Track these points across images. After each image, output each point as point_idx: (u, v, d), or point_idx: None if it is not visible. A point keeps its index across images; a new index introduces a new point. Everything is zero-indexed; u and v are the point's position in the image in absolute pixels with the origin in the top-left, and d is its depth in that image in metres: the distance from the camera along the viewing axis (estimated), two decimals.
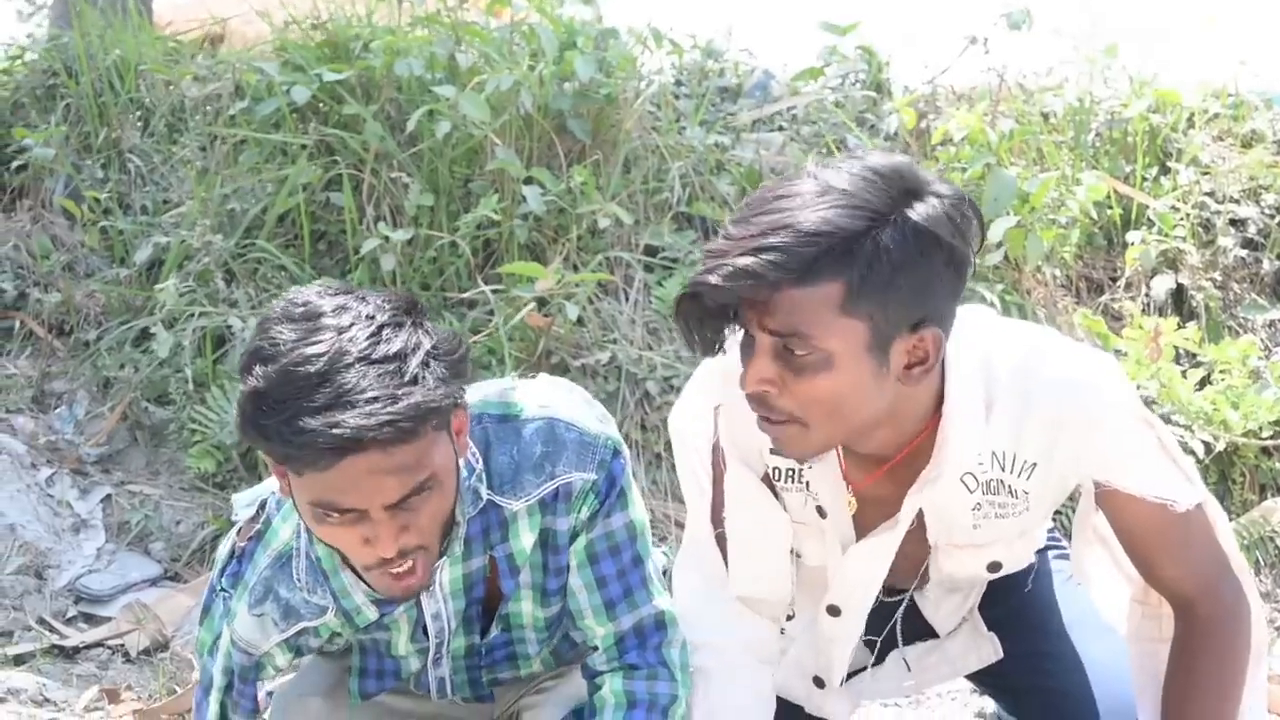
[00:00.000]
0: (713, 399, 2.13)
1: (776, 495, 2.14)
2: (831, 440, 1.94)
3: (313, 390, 1.76)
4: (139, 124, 4.81)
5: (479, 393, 2.13)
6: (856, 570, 2.14)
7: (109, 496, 4.02)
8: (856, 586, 2.17)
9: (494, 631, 2.21)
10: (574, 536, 2.13)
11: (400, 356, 1.80)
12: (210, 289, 4.27)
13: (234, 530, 2.19)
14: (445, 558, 2.06)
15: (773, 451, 2.07)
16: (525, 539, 2.11)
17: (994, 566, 2.21)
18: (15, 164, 4.78)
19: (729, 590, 2.21)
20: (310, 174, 4.32)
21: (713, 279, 1.80)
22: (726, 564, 2.21)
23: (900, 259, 1.80)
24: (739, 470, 2.13)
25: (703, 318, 1.87)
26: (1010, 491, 2.05)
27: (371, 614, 2.12)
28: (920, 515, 2.09)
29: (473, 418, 2.07)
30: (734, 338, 1.91)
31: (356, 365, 1.77)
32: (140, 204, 4.62)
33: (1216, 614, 2.04)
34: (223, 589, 2.15)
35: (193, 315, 4.17)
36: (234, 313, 4.17)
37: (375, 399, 1.76)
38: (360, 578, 2.06)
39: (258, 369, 1.80)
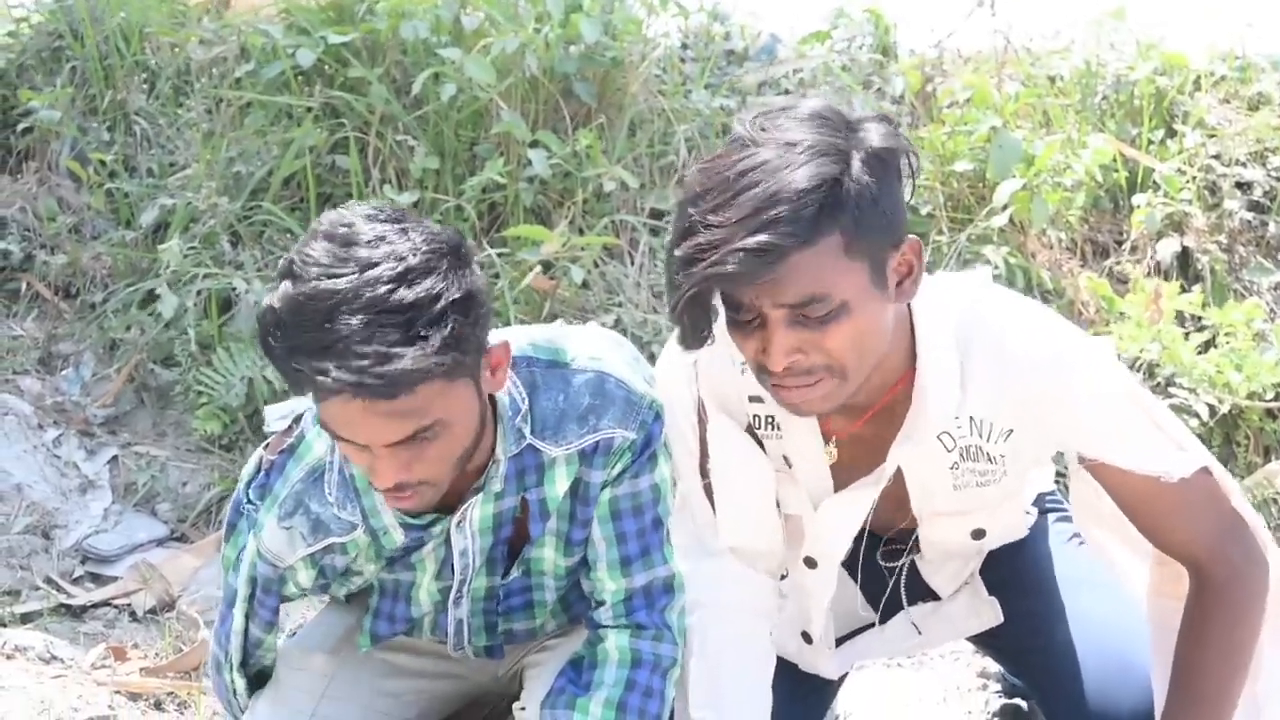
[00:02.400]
0: (690, 355, 2.14)
1: (759, 443, 2.16)
2: (862, 379, 1.92)
3: (314, 328, 1.76)
4: (145, 87, 4.80)
5: (527, 335, 2.14)
6: (831, 523, 2.17)
7: (115, 458, 4.03)
8: (831, 539, 2.19)
9: (514, 574, 2.23)
10: (602, 489, 2.15)
11: (414, 308, 1.78)
12: (216, 251, 4.27)
13: (262, 446, 2.19)
14: (480, 495, 2.07)
15: (752, 399, 2.10)
16: (559, 485, 2.13)
17: (978, 534, 2.22)
18: (21, 126, 4.76)
19: (721, 542, 2.23)
20: (316, 137, 4.32)
21: (729, 267, 1.75)
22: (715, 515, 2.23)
23: (878, 189, 1.81)
24: (721, 420, 2.15)
25: (701, 310, 1.84)
26: (989, 458, 2.07)
27: (398, 536, 2.12)
28: (901, 478, 2.11)
29: (520, 360, 2.08)
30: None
31: (362, 313, 1.76)
32: (146, 166, 4.61)
33: (1226, 576, 2.04)
34: (249, 501, 2.15)
35: (198, 277, 4.18)
36: (239, 275, 4.17)
37: (364, 356, 1.75)
38: None
39: (284, 285, 1.81)
